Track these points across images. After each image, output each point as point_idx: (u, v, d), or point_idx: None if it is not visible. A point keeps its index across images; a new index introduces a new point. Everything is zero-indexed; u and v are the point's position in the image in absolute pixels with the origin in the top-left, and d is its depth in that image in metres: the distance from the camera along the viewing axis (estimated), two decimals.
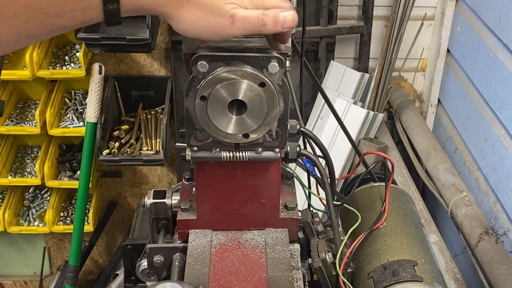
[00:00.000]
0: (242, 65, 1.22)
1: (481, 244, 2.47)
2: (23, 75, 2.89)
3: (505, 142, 2.68)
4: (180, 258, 1.49)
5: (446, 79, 3.41)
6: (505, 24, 2.67)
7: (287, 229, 1.50)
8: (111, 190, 3.78)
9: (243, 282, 1.34)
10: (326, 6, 3.23)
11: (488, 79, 2.84)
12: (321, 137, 2.91)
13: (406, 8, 3.18)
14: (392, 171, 1.58)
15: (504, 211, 2.66)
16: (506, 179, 2.66)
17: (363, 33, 3.34)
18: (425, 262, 1.43)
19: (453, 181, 2.86)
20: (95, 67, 2.89)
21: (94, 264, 4.04)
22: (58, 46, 3.14)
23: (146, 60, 3.35)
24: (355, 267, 1.49)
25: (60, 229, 3.29)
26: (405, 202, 1.65)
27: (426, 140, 3.20)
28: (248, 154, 1.33)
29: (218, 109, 1.24)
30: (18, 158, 3.33)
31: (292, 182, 1.60)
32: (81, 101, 3.21)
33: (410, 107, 3.45)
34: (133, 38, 2.67)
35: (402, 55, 3.33)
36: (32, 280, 4.00)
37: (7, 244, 3.88)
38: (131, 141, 3.09)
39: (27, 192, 3.41)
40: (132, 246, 1.67)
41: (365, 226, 1.54)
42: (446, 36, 3.33)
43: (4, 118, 3.09)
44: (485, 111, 2.89)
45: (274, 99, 1.24)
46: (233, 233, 1.49)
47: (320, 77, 3.39)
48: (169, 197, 1.58)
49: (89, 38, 2.67)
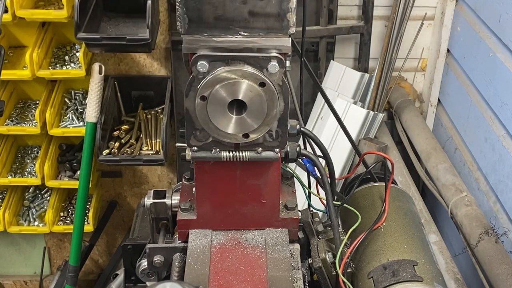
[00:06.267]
0: (242, 65, 1.22)
1: (481, 244, 2.47)
2: (23, 75, 2.89)
3: (505, 142, 2.68)
4: (180, 258, 1.49)
5: (446, 79, 3.41)
6: (505, 24, 2.67)
7: (287, 229, 1.50)
8: (111, 190, 3.78)
9: (243, 282, 1.34)
10: (326, 6, 3.23)
11: (488, 79, 2.84)
12: (321, 137, 2.91)
13: (406, 8, 3.18)
14: (392, 171, 1.58)
15: (504, 211, 2.66)
16: (506, 179, 2.66)
17: (363, 33, 3.34)
18: (425, 262, 1.43)
19: (453, 181, 2.86)
20: (95, 67, 2.89)
21: (94, 264, 4.04)
22: (58, 46, 3.14)
23: (146, 60, 3.35)
24: (355, 267, 1.49)
25: (60, 229, 3.29)
26: (405, 202, 1.65)
27: (426, 140, 3.20)
28: (248, 154, 1.34)
29: (218, 109, 1.24)
30: (18, 158, 3.33)
31: (292, 182, 1.60)
32: (81, 101, 3.21)
33: (410, 107, 3.45)
34: (133, 38, 2.67)
35: (402, 55, 3.33)
36: (32, 280, 4.00)
37: (7, 244, 3.88)
38: (131, 141, 3.09)
39: (27, 192, 3.41)
40: (132, 246, 1.67)
41: (365, 226, 1.54)
42: (446, 36, 3.33)
43: (4, 118, 3.09)
44: (485, 111, 2.89)
45: (274, 99, 1.24)
46: (233, 233, 1.49)
47: (320, 77, 3.39)
48: (169, 197, 1.58)
49: (89, 38, 2.67)
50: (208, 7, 1.22)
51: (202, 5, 1.22)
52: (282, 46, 1.25)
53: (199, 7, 1.22)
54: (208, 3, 1.22)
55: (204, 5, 1.22)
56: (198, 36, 1.24)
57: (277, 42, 1.25)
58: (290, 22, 1.24)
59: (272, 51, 1.23)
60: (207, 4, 1.22)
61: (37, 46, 2.89)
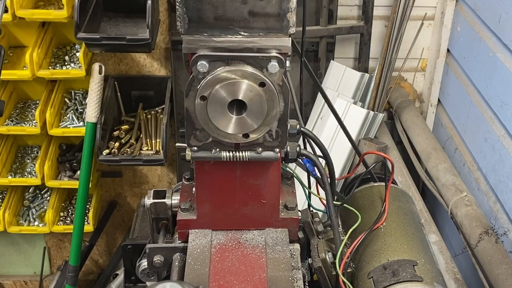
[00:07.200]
0: (242, 65, 1.22)
1: (481, 244, 2.47)
2: (23, 75, 2.89)
3: (505, 142, 2.68)
4: (180, 258, 1.49)
5: (446, 79, 3.41)
6: (505, 24, 2.67)
7: (287, 229, 1.50)
8: (111, 190, 3.78)
9: (243, 282, 1.34)
10: (326, 6, 3.23)
11: (488, 79, 2.84)
12: (321, 137, 2.91)
13: (406, 8, 3.18)
14: (392, 171, 1.58)
15: (504, 211, 2.66)
16: (506, 179, 2.66)
17: (363, 33, 3.34)
18: (425, 262, 1.43)
19: (453, 181, 2.86)
20: (95, 67, 2.89)
21: (94, 264, 4.04)
22: (58, 46, 3.14)
23: (146, 60, 3.34)
24: (355, 267, 1.49)
25: (60, 229, 3.29)
26: (405, 202, 1.65)
27: (426, 140, 3.20)
28: (248, 154, 1.34)
29: (218, 109, 1.24)
30: (18, 158, 3.33)
31: (292, 182, 1.60)
32: (81, 101, 3.21)
33: (410, 107, 3.45)
34: (133, 38, 2.67)
35: (402, 55, 3.33)
36: (32, 280, 4.00)
37: (7, 244, 3.88)
38: (131, 141, 3.09)
39: (27, 192, 3.41)
40: (132, 246, 1.67)
41: (365, 226, 1.54)
42: (446, 36, 3.33)
43: (4, 118, 3.09)
44: (485, 111, 2.89)
45: (274, 99, 1.24)
46: (233, 233, 1.49)
47: (320, 77, 3.39)
48: (169, 197, 1.58)
49: (89, 38, 2.67)
50: (208, 7, 1.22)
51: (202, 5, 1.22)
52: (282, 46, 1.25)
53: (199, 7, 1.22)
54: (208, 3, 1.22)
55: (204, 5, 1.22)
56: (198, 36, 1.24)
57: (277, 42, 1.25)
58: (290, 22, 1.24)
59: (272, 51, 1.23)
60: (207, 4, 1.22)
61: (37, 46, 2.89)
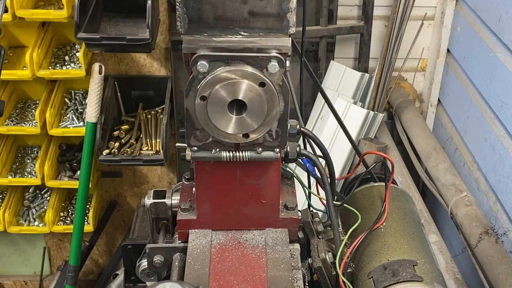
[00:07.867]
0: (242, 65, 1.22)
1: (481, 244, 2.46)
2: (23, 75, 2.89)
3: (505, 142, 2.68)
4: (180, 258, 1.49)
5: (446, 79, 3.41)
6: (505, 24, 2.67)
7: (287, 229, 1.50)
8: (111, 190, 3.78)
9: (243, 282, 1.34)
10: (326, 6, 3.23)
11: (488, 79, 2.84)
12: (321, 137, 2.91)
13: (406, 8, 3.18)
14: (392, 171, 1.58)
15: (504, 211, 2.66)
16: (506, 179, 2.66)
17: (363, 33, 3.34)
18: (425, 262, 1.43)
19: (453, 181, 2.86)
20: (95, 67, 2.89)
21: (94, 264, 4.04)
22: (58, 46, 3.14)
23: (146, 60, 3.34)
24: (355, 267, 1.49)
25: (60, 229, 3.29)
26: (405, 202, 1.65)
27: (426, 140, 3.20)
28: (248, 154, 1.34)
29: (218, 109, 1.24)
30: (18, 158, 3.33)
31: (292, 182, 1.60)
32: (81, 101, 3.21)
33: (410, 107, 3.45)
34: (133, 38, 2.67)
35: (402, 55, 3.33)
36: (32, 280, 4.00)
37: (7, 244, 3.88)
38: (131, 141, 3.09)
39: (27, 192, 3.41)
40: (132, 246, 1.67)
41: (365, 226, 1.54)
42: (446, 36, 3.33)
43: (4, 118, 3.09)
44: (485, 111, 2.89)
45: (274, 99, 1.24)
46: (233, 233, 1.49)
47: (320, 77, 3.38)
48: (169, 197, 1.58)
49: (89, 38, 2.67)
50: (208, 7, 1.22)
51: (202, 5, 1.22)
52: (282, 46, 1.25)
53: (199, 7, 1.22)
54: (208, 3, 1.22)
55: (204, 5, 1.22)
56: (198, 36, 1.24)
57: (277, 42, 1.25)
58: (290, 22, 1.24)
59: (272, 51, 1.23)
60: (207, 4, 1.22)
61: (37, 46, 2.89)
